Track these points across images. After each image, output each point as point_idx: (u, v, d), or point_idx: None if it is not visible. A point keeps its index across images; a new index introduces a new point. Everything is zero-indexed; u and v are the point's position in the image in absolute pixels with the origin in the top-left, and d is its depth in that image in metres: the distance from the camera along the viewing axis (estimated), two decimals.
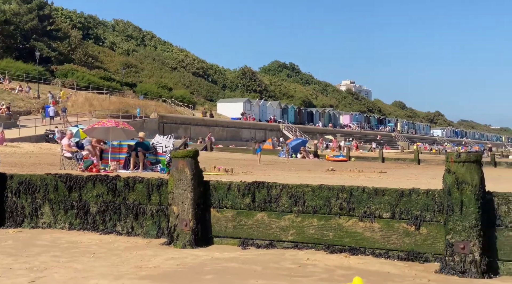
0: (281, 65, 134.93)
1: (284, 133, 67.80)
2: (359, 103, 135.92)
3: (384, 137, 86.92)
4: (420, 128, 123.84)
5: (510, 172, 33.31)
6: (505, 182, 21.44)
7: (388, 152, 61.52)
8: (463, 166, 5.71)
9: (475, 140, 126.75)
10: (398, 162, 42.85)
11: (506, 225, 5.65)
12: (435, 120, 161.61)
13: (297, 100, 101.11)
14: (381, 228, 6.29)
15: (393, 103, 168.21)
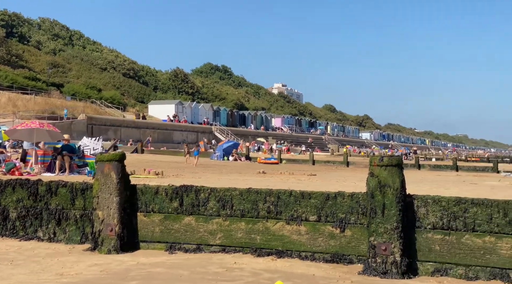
0: (213, 68, 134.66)
1: (216, 135, 67.74)
2: (291, 106, 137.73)
3: (315, 140, 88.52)
4: (349, 132, 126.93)
5: (433, 174, 34.71)
6: (428, 184, 22.31)
7: (319, 154, 62.70)
8: (386, 169, 5.87)
9: (401, 144, 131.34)
10: (328, 165, 43.72)
11: (425, 226, 5.86)
12: (363, 124, 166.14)
13: (229, 103, 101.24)
14: (308, 231, 6.37)
15: (324, 106, 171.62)
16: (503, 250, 5.49)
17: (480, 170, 40.56)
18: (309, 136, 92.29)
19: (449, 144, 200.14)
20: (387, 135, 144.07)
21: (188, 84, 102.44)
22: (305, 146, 75.60)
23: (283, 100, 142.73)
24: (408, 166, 43.60)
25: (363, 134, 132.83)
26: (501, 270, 5.48)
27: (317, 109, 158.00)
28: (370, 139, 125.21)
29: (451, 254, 5.70)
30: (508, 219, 5.50)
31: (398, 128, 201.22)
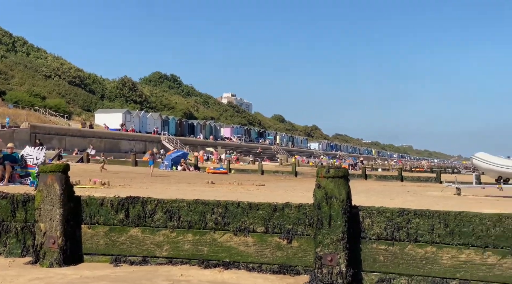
0: (162, 77, 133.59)
1: (164, 145, 67.08)
2: (240, 116, 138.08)
3: (264, 150, 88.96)
4: (298, 142, 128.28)
5: (379, 184, 35.42)
6: (374, 194, 22.76)
7: (268, 164, 63.05)
8: (332, 181, 5.95)
9: (349, 154, 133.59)
10: (277, 175, 43.98)
11: (370, 237, 5.96)
12: (312, 134, 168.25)
13: (178, 112, 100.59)
14: (255, 242, 6.38)
15: (273, 116, 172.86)
16: (443, 260, 5.64)
17: (424, 180, 41.68)
18: (258, 146, 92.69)
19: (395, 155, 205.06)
20: (335, 146, 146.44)
21: (136, 93, 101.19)
22: (254, 155, 75.84)
23: (233, 110, 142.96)
24: (355, 176, 44.37)
25: (312, 145, 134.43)
26: (442, 280, 5.63)
27: (266, 119, 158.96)
28: (319, 149, 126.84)
29: (395, 264, 5.81)
30: (449, 230, 5.66)
31: (345, 138, 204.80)
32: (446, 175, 54.38)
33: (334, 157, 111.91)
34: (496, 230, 5.50)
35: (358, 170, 60.00)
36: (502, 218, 5.52)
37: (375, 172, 62.90)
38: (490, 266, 5.47)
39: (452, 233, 5.65)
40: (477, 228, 5.57)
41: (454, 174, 50.86)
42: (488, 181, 27.73)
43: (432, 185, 36.21)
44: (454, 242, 5.64)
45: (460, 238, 5.62)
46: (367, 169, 61.97)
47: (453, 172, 73.06)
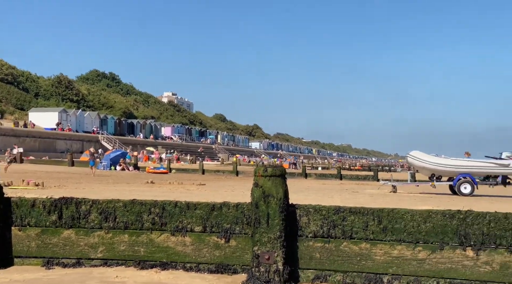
0: (100, 75, 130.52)
1: (103, 144, 65.68)
2: (181, 115, 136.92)
3: (205, 149, 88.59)
4: (239, 141, 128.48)
5: (319, 183, 35.97)
6: (313, 192, 23.10)
7: (209, 163, 62.87)
8: (270, 180, 5.98)
9: (289, 153, 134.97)
10: (218, 174, 43.92)
11: (307, 235, 6.04)
12: (253, 133, 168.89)
13: (117, 111, 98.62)
14: (193, 242, 6.34)
15: (214, 116, 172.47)
16: (377, 256, 5.78)
17: (362, 178, 42.65)
18: (199, 145, 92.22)
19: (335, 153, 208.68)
20: (276, 145, 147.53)
21: (72, 91, 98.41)
22: (195, 155, 75.45)
23: (173, 109, 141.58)
24: (295, 175, 44.93)
25: (253, 144, 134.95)
26: (375, 275, 5.76)
27: (207, 119, 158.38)
28: (260, 148, 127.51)
29: (330, 261, 5.91)
30: (382, 226, 5.80)
31: (286, 138, 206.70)
32: (383, 173, 55.86)
33: (275, 156, 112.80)
34: (426, 226, 5.68)
35: (298, 169, 60.76)
36: (431, 214, 5.70)
37: (315, 170, 63.80)
38: (420, 261, 5.65)
39: (385, 229, 5.80)
40: (409, 224, 5.73)
41: (391, 172, 52.34)
42: (423, 179, 28.67)
43: (369, 183, 37.09)
44: (387, 238, 5.79)
45: (393, 234, 5.77)
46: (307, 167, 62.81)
47: (390, 170, 75.15)
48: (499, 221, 5.51)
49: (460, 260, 5.55)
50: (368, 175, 45.74)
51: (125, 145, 66.27)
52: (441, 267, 5.59)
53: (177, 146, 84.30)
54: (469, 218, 5.60)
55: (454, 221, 5.64)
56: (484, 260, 5.48)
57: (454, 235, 5.61)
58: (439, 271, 5.58)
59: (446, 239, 5.63)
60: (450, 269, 5.56)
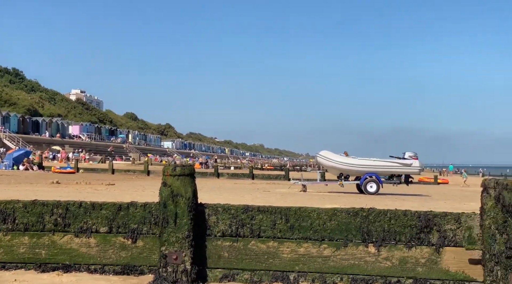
0: (2, 70, 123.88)
1: (5, 143, 62.44)
2: (90, 114, 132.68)
3: (115, 149, 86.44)
4: (151, 140, 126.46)
5: (231, 182, 36.11)
6: (225, 192, 23.15)
7: (119, 163, 61.37)
8: (178, 179, 5.91)
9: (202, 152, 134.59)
10: (129, 173, 43.02)
11: (215, 234, 6.02)
12: (165, 133, 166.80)
13: (21, 109, 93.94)
14: (98, 243, 6.15)
15: (125, 114, 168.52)
16: (284, 254, 5.87)
17: (274, 178, 43.28)
18: (109, 144, 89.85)
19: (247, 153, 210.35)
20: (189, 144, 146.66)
21: None
22: (105, 154, 73.43)
23: (82, 107, 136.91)
24: (207, 175, 44.86)
25: (165, 143, 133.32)
26: (282, 273, 5.85)
27: (118, 117, 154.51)
28: (172, 148, 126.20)
29: (239, 260, 5.93)
30: (289, 225, 5.90)
31: (199, 137, 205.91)
32: (294, 172, 56.96)
33: (188, 155, 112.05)
34: (331, 223, 5.84)
35: (211, 168, 60.70)
36: (337, 212, 5.86)
37: (227, 170, 63.97)
38: (325, 258, 5.79)
39: (292, 227, 5.90)
40: (315, 222, 5.86)
41: (301, 172, 53.47)
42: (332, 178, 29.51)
43: (281, 182, 37.72)
44: (294, 236, 5.89)
45: (300, 232, 5.88)
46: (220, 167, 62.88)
47: (301, 169, 76.74)
48: (398, 218, 5.75)
49: (362, 256, 5.75)
50: (279, 174, 46.47)
51: (29, 144, 63.38)
52: (345, 264, 5.76)
53: (86, 145, 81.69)
54: (372, 215, 5.80)
55: (357, 218, 5.83)
56: (385, 256, 5.71)
57: (357, 232, 5.80)
58: (343, 267, 5.75)
59: (350, 236, 5.80)
60: (353, 265, 5.75)
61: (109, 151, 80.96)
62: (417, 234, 5.69)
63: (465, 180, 46.76)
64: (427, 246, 5.65)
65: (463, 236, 5.55)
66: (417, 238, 5.68)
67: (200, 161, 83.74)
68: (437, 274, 5.60)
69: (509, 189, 5.21)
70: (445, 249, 5.60)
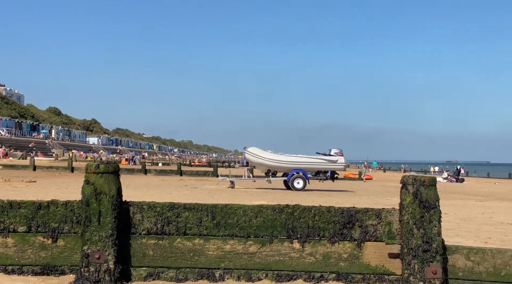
0: None
1: None
2: (10, 108, 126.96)
3: (37, 144, 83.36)
4: (76, 136, 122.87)
5: (159, 179, 35.68)
6: (152, 189, 22.85)
7: (41, 159, 59.25)
8: (102, 177, 5.77)
9: (130, 148, 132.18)
10: (51, 170, 41.65)
11: (140, 232, 5.93)
12: (91, 128, 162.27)
13: None
14: (16, 243, 5.90)
15: (48, 109, 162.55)
16: (210, 251, 5.85)
17: (202, 174, 43.11)
18: (31, 140, 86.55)
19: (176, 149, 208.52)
20: (116, 140, 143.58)
21: None
22: (26, 150, 70.63)
23: (1, 101, 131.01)
24: (134, 171, 44.11)
25: (91, 139, 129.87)
26: (208, 270, 5.83)
27: (40, 112, 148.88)
28: (98, 144, 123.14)
29: (164, 258, 5.87)
30: (216, 222, 5.89)
31: (126, 133, 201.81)
32: (223, 169, 57.04)
33: (115, 151, 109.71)
34: (257, 220, 5.88)
35: (138, 165, 59.70)
36: (262, 209, 5.91)
37: (155, 166, 63.15)
38: (251, 254, 5.83)
39: (219, 225, 5.89)
40: (241, 219, 5.89)
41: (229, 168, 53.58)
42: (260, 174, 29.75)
43: (209, 179, 37.66)
44: (220, 234, 5.88)
45: (226, 229, 5.88)
46: (148, 163, 62.00)
47: (229, 166, 76.89)
48: (323, 214, 5.87)
49: (287, 252, 5.82)
50: (208, 171, 46.38)
51: None
52: (270, 260, 5.81)
53: (5, 140, 78.24)
54: (297, 212, 5.89)
55: (283, 215, 5.90)
56: (309, 252, 5.81)
57: (282, 228, 5.87)
58: (268, 264, 5.81)
59: (275, 233, 5.87)
60: (279, 261, 5.82)
61: (31, 146, 77.98)
62: (340, 229, 5.82)
63: (364, 175, 47.48)
64: (349, 241, 5.80)
65: (383, 231, 5.74)
66: (340, 234, 5.82)
67: (127, 157, 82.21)
68: (359, 268, 5.76)
69: (426, 185, 5.44)
70: (366, 244, 5.77)
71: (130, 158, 78.48)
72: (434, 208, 5.40)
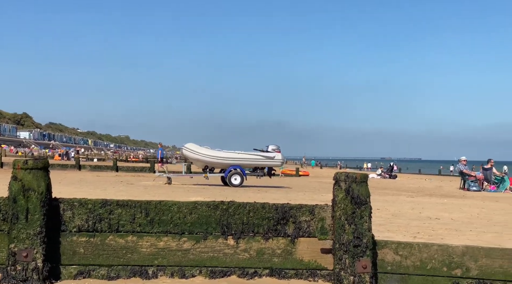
0: None
1: None
2: None
3: None
4: (5, 130, 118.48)
5: (93, 175, 34.91)
6: (86, 185, 22.32)
7: None
8: (30, 173, 5.59)
9: (63, 144, 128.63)
10: None
11: (70, 230, 5.77)
12: (22, 122, 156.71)
13: None
14: None
15: None
16: (143, 248, 5.77)
17: (139, 170, 42.49)
18: None
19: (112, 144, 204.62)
20: (48, 135, 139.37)
21: None
22: None
23: None
24: (68, 167, 42.97)
25: (22, 133, 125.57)
26: (140, 268, 5.75)
27: None
28: (30, 138, 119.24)
29: (95, 256, 5.74)
30: (149, 219, 5.81)
31: (60, 128, 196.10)
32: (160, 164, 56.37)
33: (47, 146, 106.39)
34: (192, 216, 5.84)
35: (72, 160, 58.17)
36: (197, 206, 5.88)
37: (90, 162, 61.73)
38: (185, 251, 5.79)
39: (152, 221, 5.82)
40: (175, 216, 5.84)
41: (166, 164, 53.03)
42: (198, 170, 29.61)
43: (146, 175, 37.15)
44: (154, 230, 5.82)
45: (160, 226, 5.82)
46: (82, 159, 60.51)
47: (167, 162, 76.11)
48: (257, 210, 5.90)
49: (222, 249, 5.83)
50: (145, 166, 45.75)
51: None
52: (204, 256, 5.80)
53: None
54: (231, 208, 5.90)
55: (217, 211, 5.89)
56: (243, 248, 5.84)
57: (217, 225, 5.86)
58: (202, 260, 5.79)
59: (210, 229, 5.85)
60: (213, 258, 5.81)
61: None
62: (274, 225, 5.88)
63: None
64: (283, 237, 5.86)
65: (316, 227, 5.84)
66: (274, 230, 5.87)
67: (60, 152, 79.93)
68: (292, 264, 5.83)
69: (357, 181, 5.57)
70: (300, 240, 5.85)
71: (63, 153, 76.34)
72: (365, 204, 5.53)
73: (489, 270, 5.61)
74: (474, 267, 5.62)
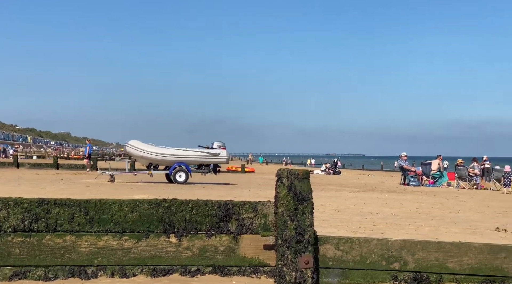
0: None
1: None
2: None
3: None
4: None
5: (32, 173, 33.89)
6: (24, 183, 21.64)
7: None
8: None
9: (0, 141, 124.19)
10: None
11: (5, 230, 5.56)
12: None
13: None
14: None
15: None
16: (82, 248, 5.63)
17: (81, 167, 41.50)
18: None
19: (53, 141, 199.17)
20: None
21: None
22: None
23: None
24: (6, 165, 41.58)
25: None
26: (79, 268, 5.60)
27: None
28: None
29: (32, 256, 5.56)
30: (89, 218, 5.67)
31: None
32: (103, 162, 55.37)
33: None
34: (133, 215, 5.74)
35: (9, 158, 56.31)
36: (139, 204, 5.78)
37: (29, 159, 59.87)
38: (126, 250, 5.69)
39: (92, 220, 5.69)
40: (116, 214, 5.72)
41: (109, 161, 52.07)
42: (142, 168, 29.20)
43: (88, 172, 36.39)
44: (93, 230, 5.68)
45: (100, 225, 5.69)
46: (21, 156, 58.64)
47: (110, 159, 74.80)
48: (200, 208, 5.86)
49: (164, 247, 5.75)
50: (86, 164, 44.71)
51: None
52: (146, 255, 5.71)
53: None
54: (174, 206, 5.83)
55: (160, 209, 5.81)
56: (186, 246, 5.78)
57: (159, 223, 5.78)
58: (144, 259, 5.70)
59: (152, 227, 5.77)
60: (155, 256, 5.73)
61: None
62: (217, 223, 5.85)
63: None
64: (226, 234, 5.84)
65: (259, 224, 5.85)
66: (217, 227, 5.85)
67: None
68: (235, 261, 5.82)
69: (300, 178, 5.60)
70: (243, 237, 5.85)
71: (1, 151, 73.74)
72: (307, 200, 5.58)
73: (426, 263, 5.78)
74: (412, 260, 5.78)
